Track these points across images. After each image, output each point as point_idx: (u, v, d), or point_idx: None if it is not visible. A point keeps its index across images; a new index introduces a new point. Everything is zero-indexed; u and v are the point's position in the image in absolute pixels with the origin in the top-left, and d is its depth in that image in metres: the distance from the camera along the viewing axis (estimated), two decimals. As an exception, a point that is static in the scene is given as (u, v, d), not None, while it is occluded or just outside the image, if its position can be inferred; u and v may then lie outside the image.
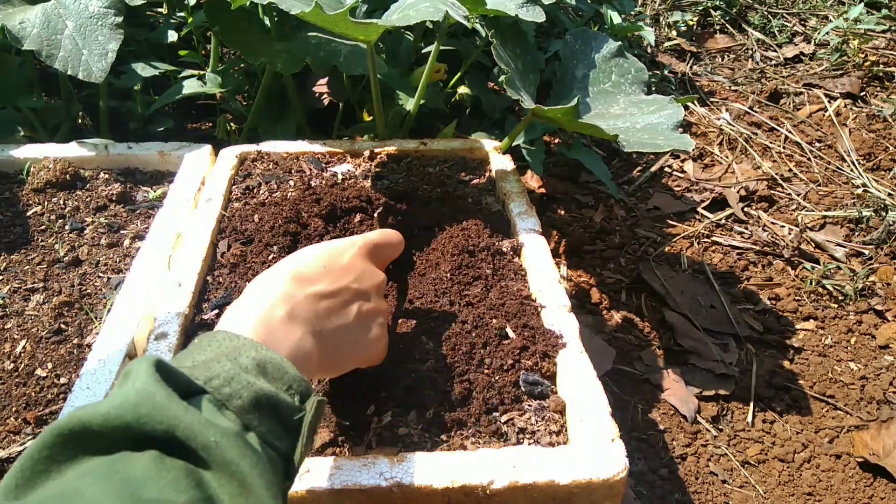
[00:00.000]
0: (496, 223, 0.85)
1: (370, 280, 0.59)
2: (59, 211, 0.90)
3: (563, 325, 0.70)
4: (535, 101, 0.92)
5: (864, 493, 0.86)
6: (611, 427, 0.59)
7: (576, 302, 1.10)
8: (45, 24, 0.91)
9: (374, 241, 0.62)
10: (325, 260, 0.56)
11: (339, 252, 0.58)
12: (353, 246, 0.60)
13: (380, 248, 0.63)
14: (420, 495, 0.54)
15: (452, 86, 1.28)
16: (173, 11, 1.33)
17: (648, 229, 1.27)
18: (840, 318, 1.11)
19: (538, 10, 0.87)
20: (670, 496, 0.85)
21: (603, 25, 1.45)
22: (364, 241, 0.61)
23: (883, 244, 1.24)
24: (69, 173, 0.94)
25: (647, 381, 0.99)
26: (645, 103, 0.94)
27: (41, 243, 0.85)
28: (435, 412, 0.61)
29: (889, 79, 1.73)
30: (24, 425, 0.64)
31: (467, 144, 1.02)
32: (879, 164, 1.45)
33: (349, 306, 0.56)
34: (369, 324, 0.58)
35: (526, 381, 0.64)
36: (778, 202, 1.35)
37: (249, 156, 0.97)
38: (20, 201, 0.92)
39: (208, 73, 1.18)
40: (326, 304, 0.54)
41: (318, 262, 0.56)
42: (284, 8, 0.78)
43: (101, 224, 0.89)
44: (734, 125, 1.56)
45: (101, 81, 0.92)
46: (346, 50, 1.05)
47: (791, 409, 0.97)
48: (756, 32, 1.96)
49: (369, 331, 0.58)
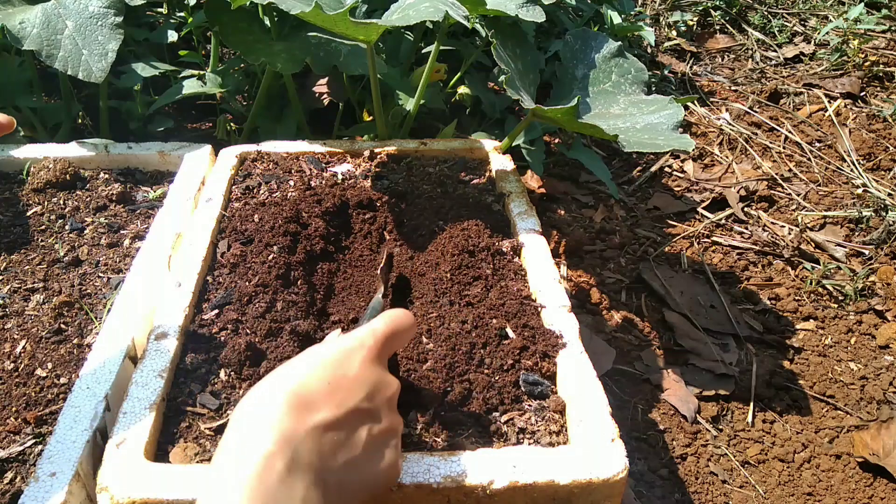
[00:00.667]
0: (496, 223, 0.85)
1: (382, 394, 0.49)
2: (59, 211, 0.90)
3: (563, 325, 0.70)
4: (535, 101, 0.92)
5: (864, 493, 0.86)
6: (611, 427, 0.59)
7: (576, 302, 1.10)
8: (45, 24, 0.91)
9: (385, 335, 0.51)
10: (329, 373, 0.47)
11: (345, 359, 0.48)
12: (362, 348, 0.49)
13: (391, 341, 0.52)
14: (420, 495, 0.54)
15: (452, 86, 1.28)
16: (173, 11, 1.33)
17: (648, 229, 1.27)
18: (840, 318, 1.11)
19: (538, 10, 0.87)
20: (670, 496, 0.85)
21: (603, 25, 1.45)
22: (374, 338, 0.50)
23: (883, 244, 1.24)
24: (69, 173, 0.94)
25: (647, 381, 0.99)
26: (645, 103, 0.94)
27: (41, 243, 0.85)
28: (435, 412, 0.61)
29: (889, 79, 1.73)
30: (24, 425, 0.64)
31: (467, 144, 1.02)
32: (879, 164, 1.45)
33: (357, 433, 0.46)
34: (382, 450, 0.48)
35: (526, 381, 0.64)
36: (778, 202, 1.35)
37: (249, 156, 0.98)
38: (20, 201, 0.92)
39: (208, 73, 1.18)
40: (332, 437, 0.44)
41: (320, 376, 0.46)
42: (284, 8, 0.78)
43: (101, 224, 0.88)
44: (734, 125, 1.56)
45: (100, 81, 0.92)
46: (346, 50, 1.05)
47: (791, 409, 0.97)
48: (756, 32, 1.96)
49: (381, 459, 0.48)
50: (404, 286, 0.78)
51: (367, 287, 0.77)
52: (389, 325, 0.52)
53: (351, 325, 0.72)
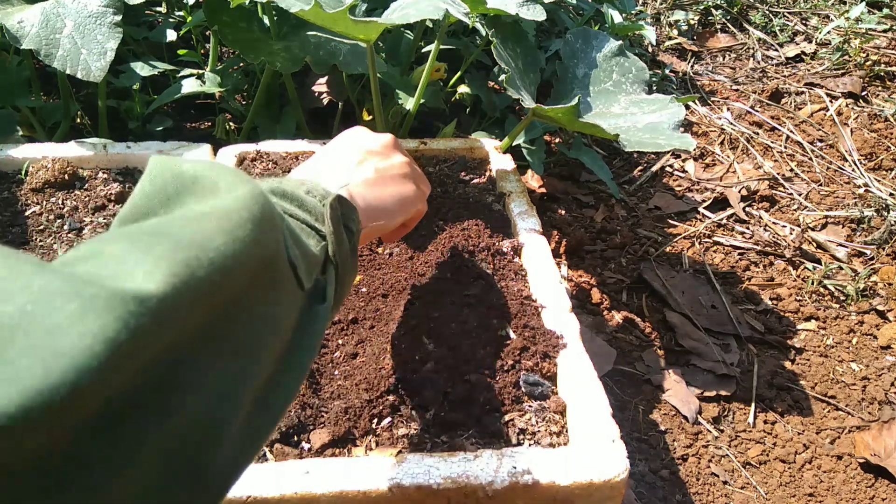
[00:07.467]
0: (496, 223, 0.84)
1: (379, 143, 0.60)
2: (57, 211, 0.90)
3: (564, 325, 0.69)
4: (536, 100, 0.92)
5: (865, 494, 0.86)
6: (611, 428, 0.58)
7: (576, 302, 1.10)
8: (44, 23, 0.91)
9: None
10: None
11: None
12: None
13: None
14: (420, 496, 0.54)
15: (452, 85, 1.27)
16: (172, 10, 1.33)
17: (649, 229, 1.26)
18: (841, 319, 1.10)
19: (539, 9, 0.87)
20: (671, 497, 0.84)
21: (604, 24, 1.44)
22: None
23: (884, 244, 1.23)
24: (68, 173, 0.94)
25: (648, 382, 0.99)
26: (646, 103, 0.94)
27: (40, 243, 0.85)
28: (435, 412, 0.60)
29: (891, 78, 1.73)
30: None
31: (467, 144, 1.01)
32: (881, 163, 1.44)
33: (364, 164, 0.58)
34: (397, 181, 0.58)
35: (526, 382, 0.63)
36: (779, 202, 1.35)
37: (248, 155, 0.97)
38: (18, 201, 0.91)
39: (207, 72, 1.18)
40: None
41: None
42: (284, 6, 0.78)
43: (99, 224, 0.88)
44: (735, 125, 1.56)
45: (99, 80, 0.92)
46: (346, 49, 1.05)
47: (792, 410, 0.96)
48: (757, 32, 1.95)
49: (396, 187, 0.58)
50: (404, 286, 0.77)
51: (366, 287, 0.77)
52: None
53: (350, 324, 0.71)
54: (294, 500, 0.53)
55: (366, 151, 0.57)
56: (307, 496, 0.53)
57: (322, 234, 0.43)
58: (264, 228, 0.34)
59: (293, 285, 0.38)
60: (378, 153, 0.58)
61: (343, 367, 0.66)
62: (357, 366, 0.66)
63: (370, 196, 0.54)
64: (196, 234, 0.30)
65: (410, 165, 0.60)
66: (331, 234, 0.43)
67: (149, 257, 0.27)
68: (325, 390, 0.64)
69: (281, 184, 0.44)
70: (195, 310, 0.28)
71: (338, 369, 0.66)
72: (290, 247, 0.38)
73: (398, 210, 0.57)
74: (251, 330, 0.33)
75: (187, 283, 0.27)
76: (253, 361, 0.33)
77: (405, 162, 0.60)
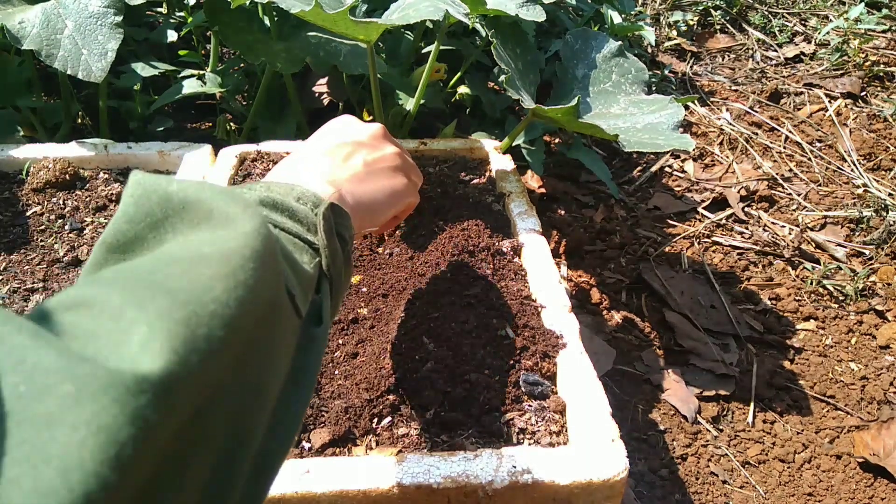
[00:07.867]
0: (496, 223, 0.85)
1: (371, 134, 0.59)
2: (58, 211, 0.90)
3: (564, 325, 0.69)
4: (536, 100, 0.92)
5: (864, 494, 0.86)
6: (611, 427, 0.58)
7: (576, 302, 1.10)
8: (45, 23, 0.91)
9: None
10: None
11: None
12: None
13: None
14: (420, 495, 0.54)
15: (452, 86, 1.27)
16: (173, 11, 1.33)
17: (649, 229, 1.27)
18: (840, 319, 1.10)
19: (538, 10, 0.87)
20: (671, 497, 0.84)
21: (603, 25, 1.44)
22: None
23: (883, 244, 1.24)
24: (69, 173, 0.94)
25: (648, 382, 0.99)
26: (645, 103, 0.94)
27: (41, 243, 0.85)
28: (435, 413, 0.61)
29: (889, 78, 1.73)
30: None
31: (467, 144, 1.01)
32: (880, 164, 1.45)
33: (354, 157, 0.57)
34: (385, 174, 0.57)
35: (526, 382, 0.64)
36: (778, 202, 1.35)
37: (249, 155, 0.97)
38: (20, 201, 0.91)
39: (208, 72, 1.18)
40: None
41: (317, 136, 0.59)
42: (284, 7, 0.78)
43: (100, 224, 0.88)
44: (734, 125, 1.56)
45: (100, 81, 0.92)
46: (346, 49, 1.05)
47: (791, 410, 0.96)
48: (756, 32, 1.96)
49: (384, 180, 0.57)
50: (404, 286, 0.77)
51: (366, 287, 0.77)
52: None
53: (350, 324, 0.72)
54: (294, 499, 0.53)
55: (354, 143, 0.56)
56: (307, 495, 0.53)
57: (315, 246, 0.42)
58: (267, 265, 0.32)
59: (291, 313, 0.36)
60: (367, 144, 0.57)
61: (343, 367, 0.67)
62: (357, 365, 0.66)
63: (360, 192, 0.53)
64: (194, 283, 0.28)
65: (401, 156, 0.59)
66: (324, 247, 0.42)
67: (144, 315, 0.25)
68: (325, 390, 0.65)
69: (270, 192, 0.42)
70: (200, 378, 0.26)
71: (338, 369, 0.67)
72: (289, 275, 0.36)
73: (389, 204, 0.56)
74: (256, 375, 0.31)
75: (189, 347, 0.25)
76: (259, 407, 0.32)
77: (395, 153, 0.58)
